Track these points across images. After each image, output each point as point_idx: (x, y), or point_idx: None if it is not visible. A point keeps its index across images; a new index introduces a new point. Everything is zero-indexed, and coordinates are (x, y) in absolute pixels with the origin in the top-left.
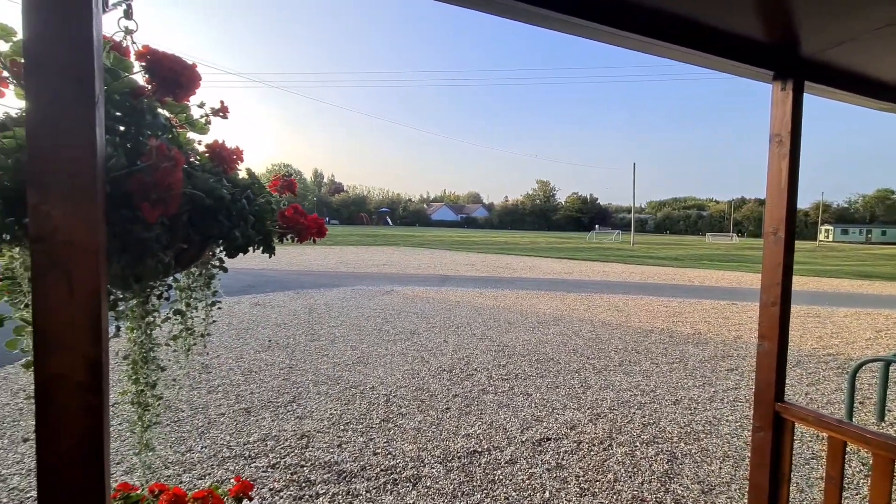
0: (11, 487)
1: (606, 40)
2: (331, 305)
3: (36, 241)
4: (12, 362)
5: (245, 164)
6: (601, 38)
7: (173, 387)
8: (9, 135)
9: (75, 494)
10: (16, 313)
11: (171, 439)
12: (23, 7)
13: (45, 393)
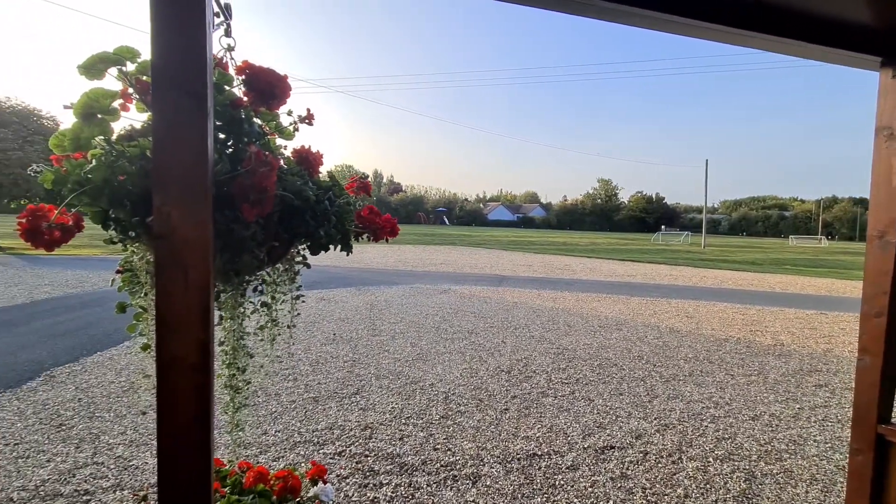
0: (117, 456)
1: (700, 35)
2: (390, 302)
3: (158, 239)
4: (115, 345)
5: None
6: (695, 34)
7: (259, 373)
8: (133, 144)
9: (188, 459)
10: (133, 301)
11: (249, 422)
12: (151, 34)
13: (165, 372)
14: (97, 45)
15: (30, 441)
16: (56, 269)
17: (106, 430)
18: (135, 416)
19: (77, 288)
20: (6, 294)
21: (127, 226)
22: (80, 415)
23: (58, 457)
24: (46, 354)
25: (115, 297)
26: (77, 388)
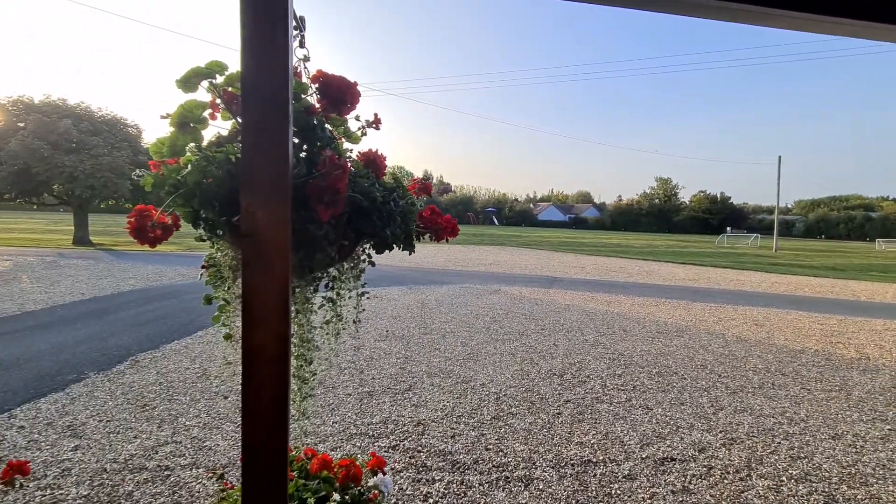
0: (193, 436)
1: (800, 27)
2: (441, 302)
3: (245, 237)
4: (190, 334)
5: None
6: (795, 27)
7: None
8: (220, 150)
9: (268, 442)
10: (216, 294)
11: (308, 412)
12: (241, 51)
13: (249, 361)
14: (167, 62)
15: (119, 419)
16: (138, 263)
17: (183, 413)
18: (208, 400)
19: (156, 281)
20: (97, 285)
21: (215, 225)
22: (161, 397)
23: (143, 434)
24: (132, 341)
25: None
26: (158, 372)
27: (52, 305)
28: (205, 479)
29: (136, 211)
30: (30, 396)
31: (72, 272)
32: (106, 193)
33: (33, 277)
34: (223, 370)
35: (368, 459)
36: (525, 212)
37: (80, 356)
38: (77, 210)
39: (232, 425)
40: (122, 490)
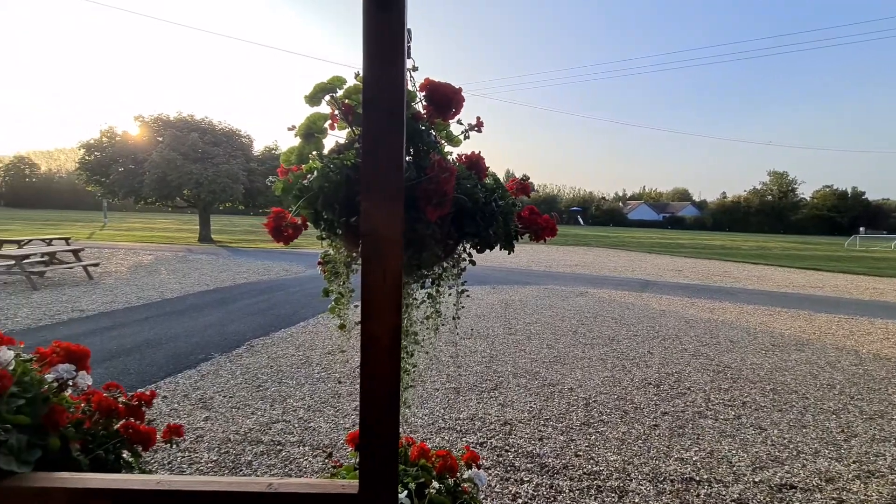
0: (300, 417)
1: None
2: (525, 302)
3: (365, 236)
4: (294, 324)
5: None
6: None
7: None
8: (338, 157)
9: (382, 427)
10: (330, 287)
11: (409, 402)
12: (363, 65)
13: (367, 351)
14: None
15: (239, 396)
16: (250, 259)
17: (290, 395)
18: (311, 385)
19: (264, 276)
20: (218, 278)
21: (333, 225)
22: (272, 379)
23: (258, 411)
24: (247, 328)
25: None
26: (269, 357)
27: (185, 294)
28: (311, 456)
29: (273, 213)
30: (170, 371)
31: (198, 266)
32: (224, 197)
33: (169, 270)
34: (323, 358)
35: (463, 453)
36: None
37: (207, 339)
38: (201, 212)
39: (332, 409)
40: (243, 459)
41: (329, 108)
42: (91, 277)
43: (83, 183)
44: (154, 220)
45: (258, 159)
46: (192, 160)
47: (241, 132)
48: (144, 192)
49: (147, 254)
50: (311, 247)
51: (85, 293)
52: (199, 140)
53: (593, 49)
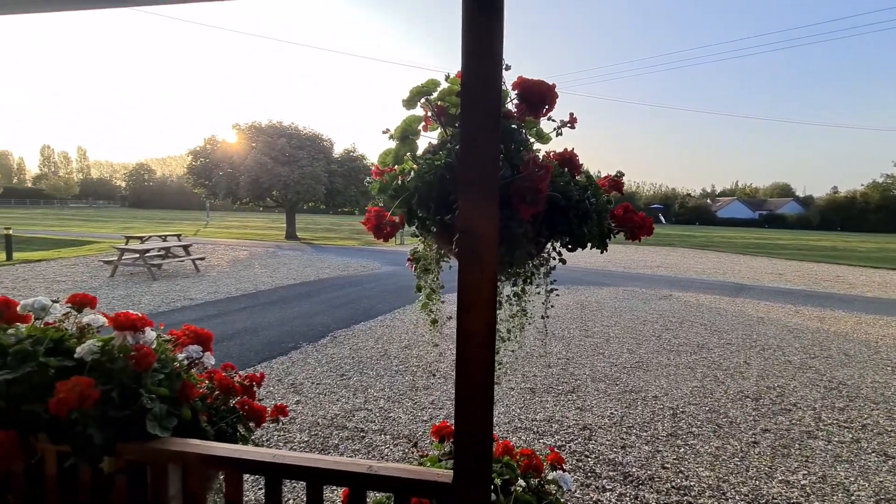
0: (380, 407)
1: None
2: (602, 304)
3: (462, 233)
4: (373, 318)
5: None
6: None
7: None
8: (432, 157)
9: (477, 421)
10: (420, 282)
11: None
12: (463, 63)
13: (463, 346)
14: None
15: (325, 383)
16: (331, 256)
17: (371, 385)
18: (391, 377)
19: (344, 271)
20: (304, 273)
21: (429, 223)
22: (354, 369)
23: (342, 399)
24: (330, 320)
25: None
26: (351, 348)
27: (275, 287)
28: (391, 444)
29: (374, 212)
30: (265, 357)
31: (286, 261)
32: (307, 197)
33: (261, 264)
34: (400, 352)
35: (547, 453)
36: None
37: (295, 329)
38: (288, 211)
39: (410, 402)
40: (330, 442)
41: (423, 110)
42: (198, 270)
43: (191, 186)
44: (248, 219)
45: (338, 161)
46: (281, 163)
47: (323, 136)
48: (240, 194)
49: (243, 249)
50: (385, 245)
51: (193, 284)
52: (286, 144)
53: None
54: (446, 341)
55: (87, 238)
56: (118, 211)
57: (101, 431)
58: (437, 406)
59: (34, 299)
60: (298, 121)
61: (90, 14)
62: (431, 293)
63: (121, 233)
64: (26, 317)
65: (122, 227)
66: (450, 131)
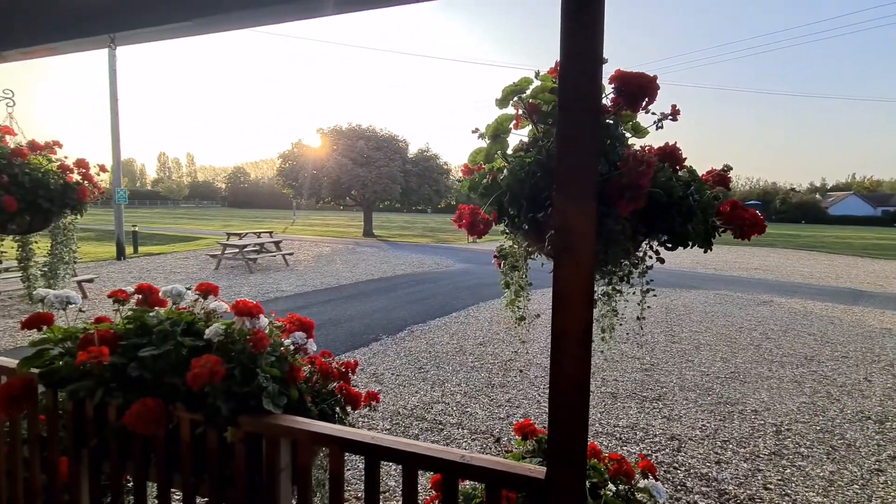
0: (457, 401)
1: None
2: (690, 308)
3: (557, 231)
4: (447, 314)
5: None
6: None
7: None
8: (524, 155)
9: (571, 420)
10: (504, 279)
11: None
12: (561, 60)
13: (557, 343)
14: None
15: (404, 375)
16: (405, 252)
17: (448, 380)
18: (466, 373)
19: (419, 268)
20: (381, 269)
21: (520, 220)
22: (431, 363)
23: (421, 391)
24: (407, 315)
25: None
26: (427, 342)
27: (356, 282)
28: (469, 438)
29: (469, 209)
30: (347, 347)
31: (365, 257)
32: (384, 196)
33: (342, 260)
34: (476, 349)
35: (637, 460)
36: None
37: (375, 322)
38: (365, 210)
39: (486, 398)
40: (410, 432)
41: (514, 108)
42: (287, 264)
43: (280, 186)
44: (329, 217)
45: (412, 161)
46: (359, 164)
47: (399, 137)
48: (323, 193)
49: (325, 246)
50: (457, 242)
51: (284, 277)
52: (364, 146)
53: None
54: (520, 341)
55: (195, 234)
56: (219, 210)
57: (227, 404)
58: (513, 404)
59: (172, 286)
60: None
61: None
62: (519, 290)
63: (222, 230)
64: (164, 301)
65: (222, 225)
66: (541, 128)
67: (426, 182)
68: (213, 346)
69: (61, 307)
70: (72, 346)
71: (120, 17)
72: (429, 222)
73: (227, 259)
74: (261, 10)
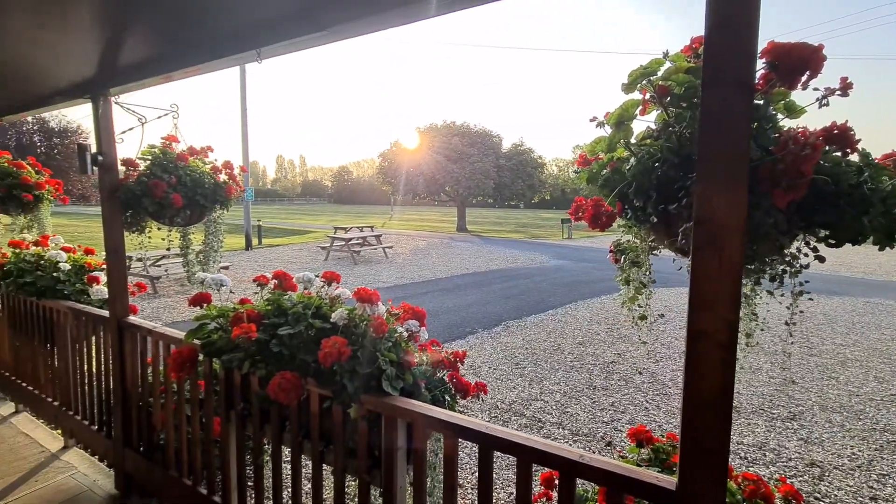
0: (556, 400)
1: None
2: (833, 317)
3: (699, 224)
4: (543, 311)
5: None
6: None
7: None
8: (652, 142)
9: (710, 430)
10: (622, 275)
11: (668, 410)
12: (706, 33)
13: (693, 345)
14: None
15: (501, 370)
16: (499, 248)
17: (546, 378)
18: (565, 372)
19: (512, 263)
20: (475, 263)
21: (649, 213)
22: (528, 360)
23: (518, 387)
24: (502, 310)
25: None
26: (523, 339)
27: (451, 276)
28: (570, 439)
29: (592, 201)
30: (446, 339)
31: (459, 251)
32: (477, 192)
33: (437, 254)
34: (574, 348)
35: (777, 483)
36: None
37: (470, 316)
38: (459, 205)
39: (588, 400)
40: (509, 427)
41: (641, 93)
42: (387, 257)
43: (379, 184)
44: (423, 213)
45: (505, 156)
46: (453, 161)
47: (493, 132)
48: (419, 190)
49: (421, 240)
50: (551, 238)
51: (384, 269)
52: (459, 142)
53: None
54: (624, 342)
55: (306, 228)
56: (326, 206)
57: (352, 383)
58: (617, 409)
59: (303, 273)
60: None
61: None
62: (641, 287)
63: (328, 224)
64: (295, 286)
65: (328, 220)
66: (672, 112)
67: (520, 177)
68: (339, 329)
69: (216, 288)
70: (224, 322)
71: (267, 33)
72: (521, 218)
73: (334, 251)
74: (379, 15)
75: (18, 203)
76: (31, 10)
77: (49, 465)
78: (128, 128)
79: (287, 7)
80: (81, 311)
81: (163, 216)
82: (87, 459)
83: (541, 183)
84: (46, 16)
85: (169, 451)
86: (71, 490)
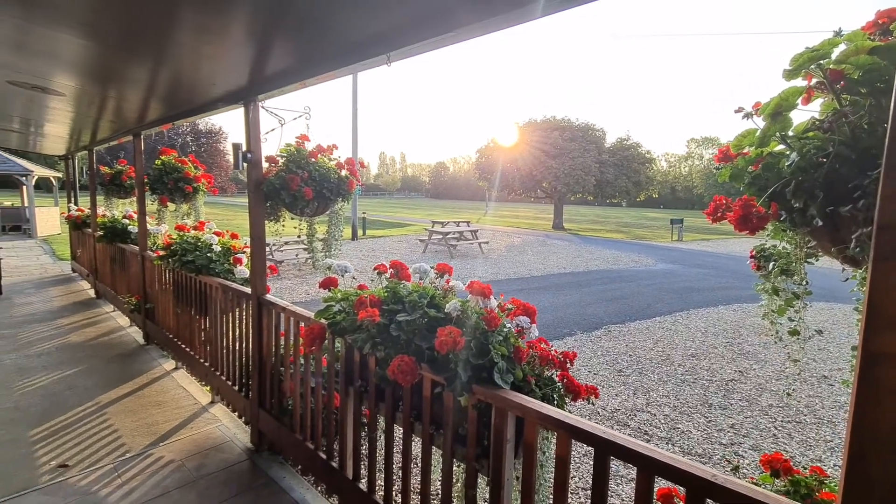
0: (665, 414)
1: None
2: None
3: (882, 229)
4: (650, 317)
5: None
6: None
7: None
8: (820, 135)
9: (884, 465)
10: (769, 283)
11: (799, 436)
12: None
13: (868, 366)
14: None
15: (602, 375)
16: (599, 247)
17: (653, 389)
18: (675, 385)
19: (614, 265)
20: (573, 262)
21: (812, 215)
22: (632, 368)
23: (621, 395)
24: (602, 313)
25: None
26: (626, 345)
27: (546, 274)
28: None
29: (741, 201)
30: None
31: (555, 250)
32: (576, 188)
33: (533, 251)
34: (686, 360)
35: None
36: None
37: (568, 317)
38: (556, 202)
39: (703, 418)
40: None
41: (805, 80)
42: (482, 252)
43: (476, 179)
44: (518, 209)
45: (609, 151)
46: (552, 156)
47: (596, 126)
48: (514, 186)
49: (516, 237)
50: (658, 239)
51: (479, 264)
52: (559, 137)
53: None
54: (746, 359)
55: (405, 222)
56: (423, 201)
57: (465, 372)
58: (738, 432)
59: (419, 265)
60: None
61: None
62: (793, 298)
63: (426, 218)
64: (409, 276)
65: (425, 214)
66: (847, 100)
67: (624, 173)
68: (452, 319)
69: (341, 274)
70: (347, 305)
71: (397, 37)
72: (623, 216)
73: (432, 244)
74: (492, 19)
75: (182, 193)
76: (199, 28)
77: (200, 416)
78: (269, 129)
79: (416, 11)
80: (229, 287)
81: (295, 207)
82: (229, 415)
83: (648, 180)
84: (212, 34)
85: (295, 416)
86: (217, 439)
